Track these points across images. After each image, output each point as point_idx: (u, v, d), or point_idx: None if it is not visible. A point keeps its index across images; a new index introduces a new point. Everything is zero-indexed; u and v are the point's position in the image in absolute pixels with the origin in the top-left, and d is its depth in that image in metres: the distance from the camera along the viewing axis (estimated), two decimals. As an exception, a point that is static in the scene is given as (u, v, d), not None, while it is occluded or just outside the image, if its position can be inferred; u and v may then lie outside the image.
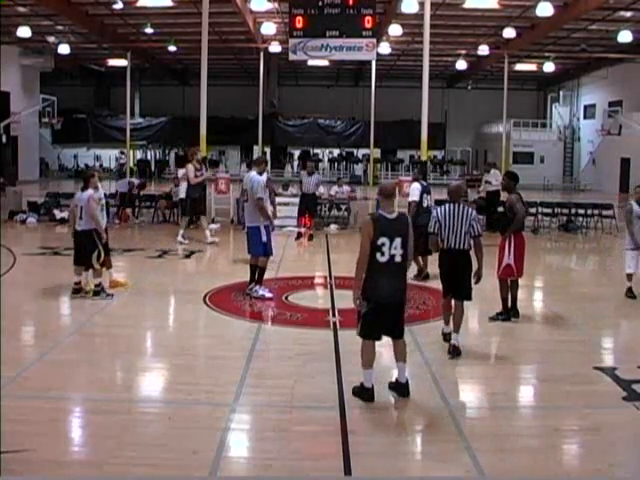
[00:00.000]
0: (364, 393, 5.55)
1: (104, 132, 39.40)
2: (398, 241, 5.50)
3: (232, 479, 4.49)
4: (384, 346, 5.97)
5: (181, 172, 17.24)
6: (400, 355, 5.73)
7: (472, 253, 7.00)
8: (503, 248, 8.13)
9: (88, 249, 8.97)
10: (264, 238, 9.14)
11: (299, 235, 15.47)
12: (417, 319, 8.19)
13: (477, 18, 25.32)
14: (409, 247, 5.61)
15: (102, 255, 9.03)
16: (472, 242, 6.94)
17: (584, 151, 37.80)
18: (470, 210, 7.09)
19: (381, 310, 5.61)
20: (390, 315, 5.65)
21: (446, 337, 7.17)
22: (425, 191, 10.87)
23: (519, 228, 8.19)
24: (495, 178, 16.81)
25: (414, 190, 10.76)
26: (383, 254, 5.49)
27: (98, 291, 9.02)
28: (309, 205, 15.62)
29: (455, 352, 6.79)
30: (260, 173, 9.40)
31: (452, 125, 40.82)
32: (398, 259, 5.52)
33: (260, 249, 9.21)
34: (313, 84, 41.31)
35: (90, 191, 9.06)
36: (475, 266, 7.01)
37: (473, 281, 6.97)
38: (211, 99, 18.82)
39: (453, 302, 7.07)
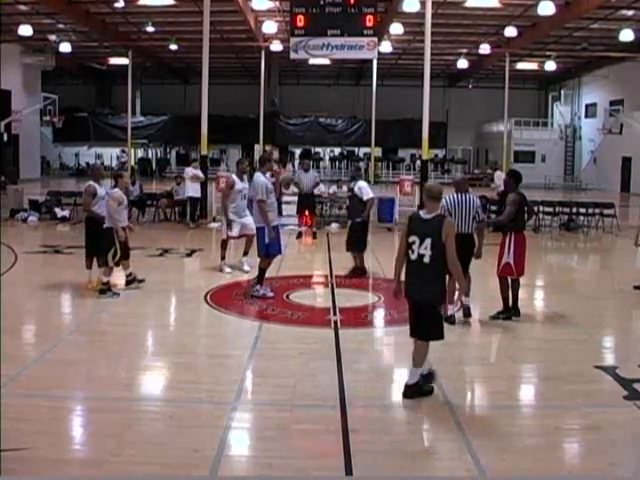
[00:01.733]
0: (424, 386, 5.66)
1: (105, 130, 39.45)
2: (428, 241, 5.48)
3: (232, 479, 4.49)
4: (389, 345, 5.91)
5: (188, 171, 17.22)
6: (415, 357, 5.69)
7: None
8: (503, 245, 8.14)
9: (105, 246, 9.06)
10: (267, 239, 9.13)
11: (300, 234, 15.46)
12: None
13: (478, 17, 25.32)
14: (448, 249, 5.47)
15: (118, 254, 9.12)
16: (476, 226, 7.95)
17: (585, 150, 37.79)
18: (475, 198, 8.03)
19: (409, 307, 5.76)
20: (416, 314, 5.68)
21: (450, 319, 7.57)
22: None
23: (520, 227, 8.19)
24: (498, 178, 16.81)
25: (366, 188, 10.88)
26: (413, 252, 5.58)
27: (105, 289, 9.04)
28: (308, 204, 15.57)
29: (467, 313, 7.92)
30: (264, 173, 9.37)
31: (453, 124, 40.81)
32: (426, 260, 5.50)
33: (263, 249, 9.21)
34: (314, 83, 41.29)
35: (112, 190, 9.24)
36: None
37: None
38: (212, 98, 18.84)
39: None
